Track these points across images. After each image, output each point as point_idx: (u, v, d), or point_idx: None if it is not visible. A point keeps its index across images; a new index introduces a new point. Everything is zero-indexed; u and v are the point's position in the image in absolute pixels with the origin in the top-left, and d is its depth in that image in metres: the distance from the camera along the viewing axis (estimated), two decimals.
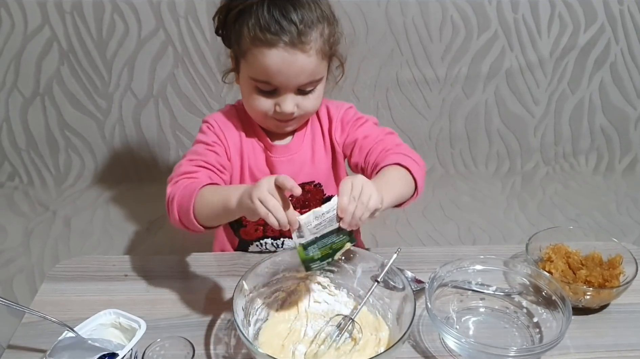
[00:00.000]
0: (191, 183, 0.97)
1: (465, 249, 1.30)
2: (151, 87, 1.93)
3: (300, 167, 1.14)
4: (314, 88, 1.03)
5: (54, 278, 1.09)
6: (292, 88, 1.01)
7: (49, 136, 1.97)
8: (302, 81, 1.00)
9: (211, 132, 1.09)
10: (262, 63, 0.97)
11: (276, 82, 0.99)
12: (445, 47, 1.95)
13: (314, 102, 1.05)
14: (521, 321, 0.97)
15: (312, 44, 0.97)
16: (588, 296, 0.97)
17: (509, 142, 2.08)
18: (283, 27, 0.94)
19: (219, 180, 1.04)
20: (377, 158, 1.05)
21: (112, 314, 0.92)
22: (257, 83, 1.00)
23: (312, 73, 1.00)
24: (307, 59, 0.97)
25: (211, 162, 1.04)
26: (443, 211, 1.84)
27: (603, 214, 1.83)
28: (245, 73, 1.02)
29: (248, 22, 0.96)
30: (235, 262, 1.12)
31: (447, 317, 0.98)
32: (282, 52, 0.95)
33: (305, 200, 1.18)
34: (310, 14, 0.97)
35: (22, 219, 1.78)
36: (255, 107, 1.04)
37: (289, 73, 0.98)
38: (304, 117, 1.09)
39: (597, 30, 1.97)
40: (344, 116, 1.14)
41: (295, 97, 1.02)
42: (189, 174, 1.00)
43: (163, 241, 1.70)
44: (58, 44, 1.87)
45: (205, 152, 1.06)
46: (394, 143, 1.07)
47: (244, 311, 0.90)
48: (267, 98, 1.02)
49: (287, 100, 1.01)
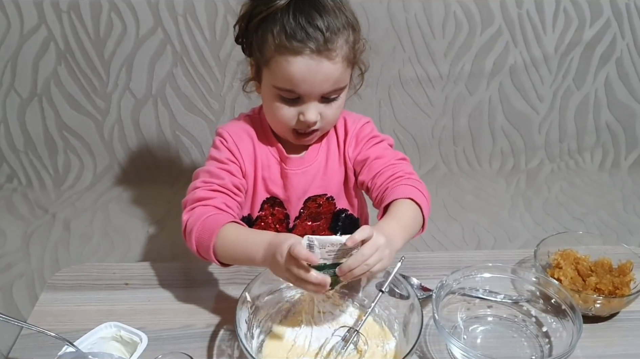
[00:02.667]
0: (208, 217, 0.96)
1: (470, 254, 1.28)
2: (150, 86, 1.91)
3: (313, 179, 1.12)
4: (337, 97, 1.02)
5: (54, 287, 1.07)
6: (316, 97, 0.99)
7: (47, 137, 1.95)
8: (326, 89, 0.98)
9: (224, 148, 1.07)
10: (286, 71, 0.95)
11: (301, 90, 0.97)
12: (448, 43, 1.93)
13: (336, 112, 1.04)
14: (530, 331, 0.96)
15: (337, 51, 0.95)
16: (598, 305, 0.95)
17: (513, 139, 2.06)
18: (309, 34, 0.92)
19: (234, 205, 1.03)
20: (386, 183, 1.03)
21: (113, 328, 0.91)
22: (280, 91, 0.98)
23: (337, 81, 0.98)
24: (333, 67, 0.96)
25: (226, 186, 1.02)
26: (447, 211, 1.82)
27: (609, 213, 1.81)
28: (268, 81, 1.00)
29: (272, 30, 0.94)
30: (238, 269, 1.10)
31: (454, 326, 0.96)
32: (307, 59, 0.93)
33: (317, 214, 1.17)
34: (336, 20, 0.95)
35: (21, 223, 1.76)
36: (278, 116, 1.02)
37: (314, 81, 0.96)
38: (325, 128, 1.07)
39: (603, 25, 1.94)
40: (360, 132, 1.12)
41: (319, 106, 1.00)
42: (204, 201, 0.99)
43: (164, 244, 1.68)
44: (55, 44, 1.84)
45: (219, 173, 1.04)
46: (404, 171, 1.04)
47: (247, 323, 0.89)
48: (290, 107, 1.00)
49: (310, 109, 0.99)
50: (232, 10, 1.83)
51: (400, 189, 1.00)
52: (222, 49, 1.88)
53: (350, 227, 1.20)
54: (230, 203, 1.02)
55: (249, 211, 1.15)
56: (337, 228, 1.19)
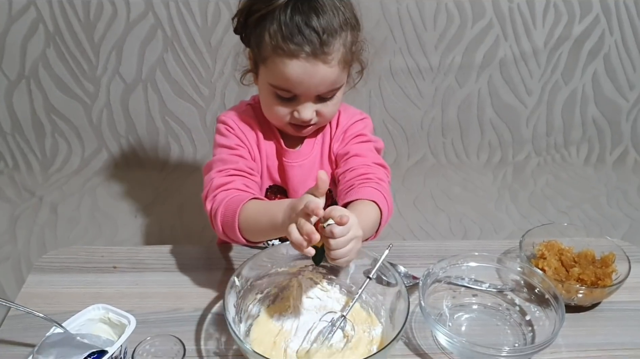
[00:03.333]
0: (232, 198, 0.96)
1: (457, 244, 1.30)
2: (140, 71, 1.90)
3: (310, 171, 1.13)
4: (333, 96, 1.02)
5: (41, 269, 1.07)
6: (312, 97, 1.00)
7: (35, 120, 1.93)
8: (322, 90, 0.99)
9: (232, 135, 1.08)
10: (282, 73, 0.95)
11: (297, 91, 0.98)
12: (439, 35, 1.94)
13: (333, 109, 1.04)
14: (514, 319, 0.97)
15: (334, 55, 0.95)
16: (581, 295, 0.97)
17: (501, 132, 2.08)
18: (305, 37, 0.92)
19: (253, 185, 1.03)
20: (354, 180, 1.03)
21: (101, 310, 0.90)
22: (276, 90, 0.99)
23: (333, 82, 0.98)
24: (329, 69, 0.96)
25: (242, 168, 1.03)
26: (434, 202, 1.84)
27: (594, 207, 1.84)
28: (264, 79, 1.00)
29: (270, 29, 0.94)
30: (226, 255, 1.10)
31: (440, 314, 0.97)
32: (303, 62, 0.93)
33: None
34: (334, 20, 0.94)
35: (8, 205, 1.75)
36: (273, 112, 1.03)
37: (310, 84, 0.96)
38: (322, 123, 1.07)
39: (592, 21, 1.96)
40: (350, 128, 1.12)
41: (314, 105, 1.01)
42: (224, 186, 0.99)
43: (152, 229, 1.68)
44: (44, 26, 1.82)
45: (232, 159, 1.04)
46: (376, 176, 1.04)
47: (236, 307, 0.89)
48: (285, 105, 1.01)
49: (306, 108, 1.00)
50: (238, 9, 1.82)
51: (366, 190, 1.00)
52: (213, 35, 1.87)
53: None
54: (250, 184, 1.02)
55: None
56: None
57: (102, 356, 0.82)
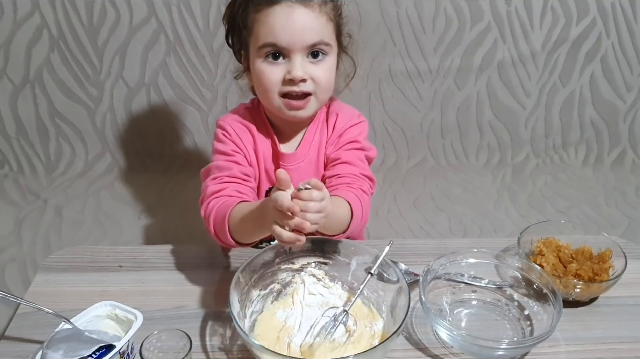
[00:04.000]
0: (222, 204, 0.99)
1: (457, 241, 1.32)
2: (143, 75, 1.92)
3: (306, 173, 1.13)
4: (325, 58, 1.02)
5: (48, 268, 1.09)
6: (300, 49, 0.99)
7: (39, 124, 1.95)
8: (308, 40, 0.98)
9: (229, 140, 1.09)
10: (266, 24, 0.98)
11: (282, 40, 0.97)
12: (438, 38, 1.96)
13: (326, 74, 1.03)
14: (512, 314, 0.99)
15: (315, 1, 0.98)
16: (578, 290, 0.99)
17: (500, 133, 2.10)
18: None
19: (246, 190, 1.05)
20: (338, 185, 1.05)
21: (108, 306, 0.92)
22: (264, 50, 0.99)
23: (319, 31, 0.99)
24: (311, 14, 0.98)
25: (236, 175, 1.05)
26: (434, 203, 1.85)
27: (592, 207, 1.85)
28: (254, 51, 1.02)
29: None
30: (230, 254, 1.12)
31: (440, 309, 0.99)
32: (285, 8, 0.97)
33: None
34: None
35: (13, 208, 1.76)
36: (266, 81, 1.02)
37: (294, 30, 0.97)
38: (318, 93, 1.04)
39: (589, 24, 1.98)
40: (345, 132, 1.12)
41: (305, 63, 1.00)
42: (217, 194, 1.02)
43: (155, 230, 1.70)
44: (48, 31, 1.84)
45: (227, 165, 1.06)
46: (360, 187, 1.05)
47: (240, 303, 0.91)
48: (276, 66, 1.00)
49: (296, 64, 0.99)
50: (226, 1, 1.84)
51: (345, 193, 1.01)
52: (215, 39, 1.89)
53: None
54: (243, 189, 1.04)
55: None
56: None
57: (109, 351, 0.84)
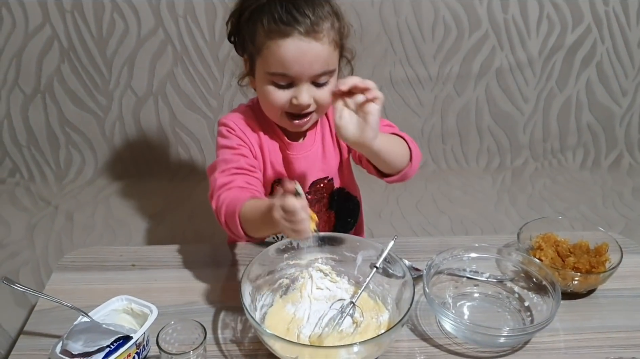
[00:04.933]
0: (232, 198, 1.00)
1: (459, 239, 1.35)
2: (151, 84, 1.96)
3: (314, 162, 1.19)
4: (328, 81, 1.07)
5: (64, 268, 1.12)
6: (307, 78, 1.04)
7: (50, 133, 1.99)
8: (316, 70, 1.03)
9: (233, 136, 1.13)
10: (277, 55, 1.01)
11: (292, 72, 1.02)
12: (437, 46, 2.00)
13: (327, 95, 1.08)
14: (513, 306, 1.02)
15: (324, 33, 1.02)
16: (576, 282, 1.02)
17: (499, 138, 2.13)
18: (296, 18, 0.99)
19: (254, 181, 1.08)
20: None
21: (124, 301, 0.95)
22: (273, 77, 1.04)
23: (326, 61, 1.04)
24: (321, 47, 1.02)
25: (243, 167, 1.08)
26: (436, 205, 1.88)
27: (590, 207, 1.88)
28: (261, 70, 1.05)
29: (262, 19, 1.01)
30: (239, 252, 1.16)
31: (443, 302, 1.02)
32: (297, 41, 1.00)
33: (320, 197, 1.23)
34: (321, 9, 1.02)
35: (25, 214, 1.80)
36: (272, 102, 1.07)
37: (304, 62, 1.01)
38: (319, 111, 1.11)
39: (584, 31, 2.02)
40: None
41: (310, 89, 1.05)
42: (226, 185, 1.04)
43: (164, 234, 1.74)
44: (59, 42, 1.89)
45: (233, 158, 1.09)
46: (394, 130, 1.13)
47: (251, 296, 0.94)
48: (283, 92, 1.05)
49: (303, 92, 1.04)
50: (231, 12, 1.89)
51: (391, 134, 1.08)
52: (220, 50, 1.94)
53: (344, 201, 1.28)
54: (252, 181, 1.07)
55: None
56: (333, 203, 1.26)
57: (127, 342, 0.87)
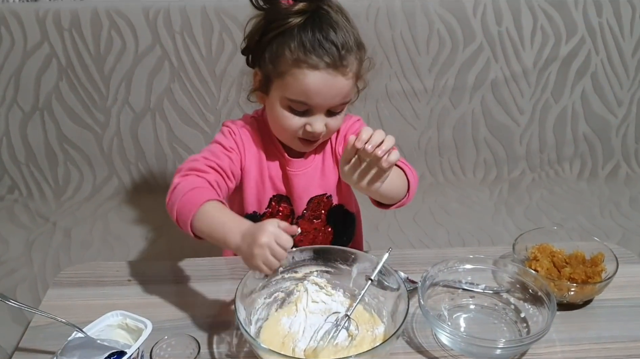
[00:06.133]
0: (197, 188, 0.98)
1: (455, 251, 1.35)
2: (148, 100, 1.97)
3: (313, 179, 1.19)
4: (342, 110, 1.09)
5: (60, 283, 1.12)
6: (324, 110, 1.05)
7: (48, 150, 2.00)
8: (336, 102, 1.05)
9: (231, 138, 1.13)
10: (302, 84, 1.01)
11: (313, 102, 1.03)
12: (432, 59, 2.01)
13: (339, 122, 1.10)
14: (509, 317, 1.02)
15: (350, 67, 1.02)
16: (572, 292, 1.02)
17: (495, 150, 2.14)
18: (326, 50, 0.99)
19: (224, 186, 1.07)
20: None
21: (118, 316, 0.95)
22: (291, 103, 1.04)
23: (346, 95, 1.05)
24: (345, 82, 1.02)
25: (223, 167, 1.07)
26: (433, 217, 1.88)
27: (587, 218, 1.88)
28: (279, 92, 1.05)
29: (290, 44, 1.00)
30: (234, 266, 1.16)
31: (439, 314, 1.02)
32: (324, 74, 1.00)
33: (318, 214, 1.24)
34: (349, 38, 1.02)
35: (23, 231, 1.80)
36: (285, 125, 1.07)
37: (327, 95, 1.02)
38: (327, 135, 1.13)
39: (578, 42, 2.04)
40: (349, 129, 1.19)
41: (325, 118, 1.07)
42: (199, 171, 1.03)
43: (162, 250, 1.73)
44: (57, 60, 1.91)
45: (220, 155, 1.09)
46: None
47: (245, 311, 0.94)
48: (298, 118, 1.06)
49: (318, 121, 1.06)
50: (228, 28, 1.91)
51: None
52: (217, 65, 1.95)
53: (342, 217, 1.28)
54: (221, 184, 1.06)
55: (256, 208, 1.20)
56: (330, 219, 1.26)
57: (120, 357, 0.87)
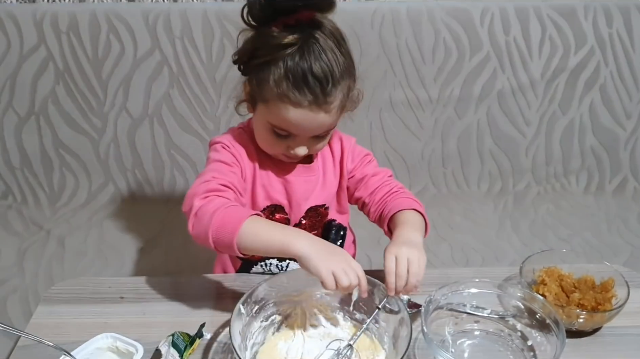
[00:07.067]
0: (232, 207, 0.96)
1: (459, 271, 1.31)
2: (146, 106, 1.94)
3: (314, 186, 1.18)
4: (327, 135, 1.09)
5: (50, 300, 1.09)
6: (308, 138, 1.06)
7: (44, 155, 1.96)
8: (319, 132, 1.06)
9: (227, 152, 1.10)
10: (284, 117, 1.00)
11: (295, 132, 1.03)
12: (437, 68, 1.98)
13: (324, 144, 1.12)
14: (515, 344, 0.98)
15: (335, 103, 1.00)
16: (581, 320, 0.98)
17: (500, 162, 2.10)
18: (310, 87, 0.96)
19: (239, 203, 1.05)
20: (385, 198, 1.15)
21: (109, 338, 0.93)
22: (274, 127, 1.04)
23: (330, 126, 1.05)
24: (328, 117, 1.01)
25: (234, 184, 1.05)
26: (436, 231, 1.85)
27: (594, 234, 1.84)
28: (263, 116, 1.04)
29: (274, 74, 0.97)
30: (231, 284, 1.13)
31: (442, 340, 0.99)
32: (306, 111, 0.98)
33: (315, 224, 1.21)
34: (336, 69, 0.98)
35: (16, 238, 1.77)
36: (267, 145, 1.09)
37: (309, 128, 1.02)
38: (312, 154, 1.15)
39: (587, 53, 2.00)
40: (354, 149, 1.21)
41: (309, 140, 1.07)
42: (218, 192, 0.99)
43: (158, 261, 1.70)
44: (54, 64, 1.87)
45: (227, 172, 1.06)
46: (398, 187, 1.18)
47: (241, 335, 0.91)
48: (281, 141, 1.06)
49: (300, 147, 1.07)
50: (229, 33, 1.87)
51: (400, 201, 1.12)
52: (217, 71, 1.92)
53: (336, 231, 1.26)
54: (238, 201, 1.04)
55: None
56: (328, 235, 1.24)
57: None
